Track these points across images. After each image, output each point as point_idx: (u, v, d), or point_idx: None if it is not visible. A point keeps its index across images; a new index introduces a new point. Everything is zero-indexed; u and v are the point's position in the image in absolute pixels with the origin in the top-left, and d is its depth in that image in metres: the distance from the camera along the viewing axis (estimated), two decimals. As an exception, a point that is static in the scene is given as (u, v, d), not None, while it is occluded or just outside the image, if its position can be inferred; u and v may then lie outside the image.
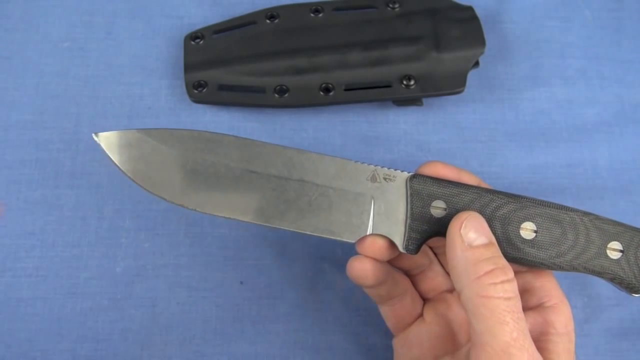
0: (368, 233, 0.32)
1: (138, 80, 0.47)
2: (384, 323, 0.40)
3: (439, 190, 0.32)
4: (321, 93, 0.45)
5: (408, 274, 0.37)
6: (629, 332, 0.42)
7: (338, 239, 0.32)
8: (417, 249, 0.32)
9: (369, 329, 0.41)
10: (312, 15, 0.48)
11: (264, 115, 0.47)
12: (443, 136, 0.47)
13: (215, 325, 0.40)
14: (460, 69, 0.46)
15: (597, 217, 0.32)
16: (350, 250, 0.34)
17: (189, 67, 0.46)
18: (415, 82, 0.45)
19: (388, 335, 0.40)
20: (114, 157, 0.32)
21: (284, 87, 0.45)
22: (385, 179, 0.32)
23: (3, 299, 0.40)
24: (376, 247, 0.32)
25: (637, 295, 0.33)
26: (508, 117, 0.48)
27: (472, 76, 0.47)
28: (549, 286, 0.33)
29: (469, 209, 0.31)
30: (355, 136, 0.46)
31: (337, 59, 0.46)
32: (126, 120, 0.46)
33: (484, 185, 0.34)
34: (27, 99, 0.46)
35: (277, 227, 0.32)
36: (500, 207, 0.32)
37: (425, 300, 0.37)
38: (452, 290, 0.36)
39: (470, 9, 0.48)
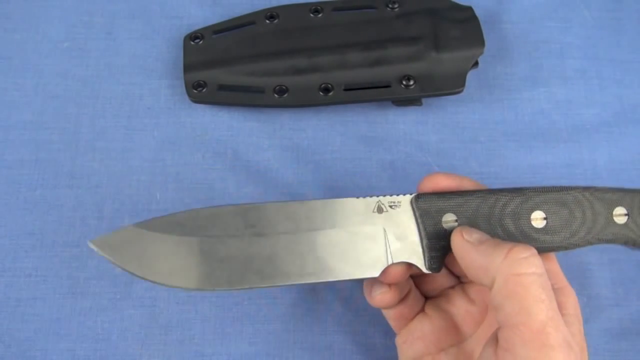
0: (389, 263, 0.32)
1: (138, 80, 0.47)
2: (384, 323, 0.40)
3: (445, 204, 0.32)
4: (321, 93, 0.45)
5: (410, 275, 0.37)
6: (628, 332, 0.42)
7: (361, 278, 0.32)
8: (440, 266, 0.32)
9: (369, 329, 0.41)
10: (311, 15, 0.48)
11: (264, 115, 0.47)
12: (442, 136, 0.47)
13: (215, 325, 0.40)
14: (460, 69, 0.46)
15: (596, 189, 0.33)
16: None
17: (188, 67, 0.46)
18: (415, 82, 0.45)
19: (388, 335, 0.40)
20: (116, 259, 0.31)
21: (284, 87, 0.45)
22: (390, 206, 0.32)
23: (2, 298, 0.40)
24: (399, 274, 0.32)
25: None
26: (507, 117, 0.48)
27: (471, 76, 0.47)
28: (555, 270, 0.33)
29: (477, 215, 0.32)
30: (355, 136, 0.46)
31: (337, 59, 0.46)
32: (125, 120, 0.46)
33: (482, 187, 0.34)
34: (27, 99, 0.46)
35: (300, 283, 0.31)
36: (506, 204, 0.32)
37: (426, 297, 0.37)
38: (453, 286, 0.37)
39: (469, 9, 0.48)
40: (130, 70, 0.48)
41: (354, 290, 0.42)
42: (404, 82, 0.45)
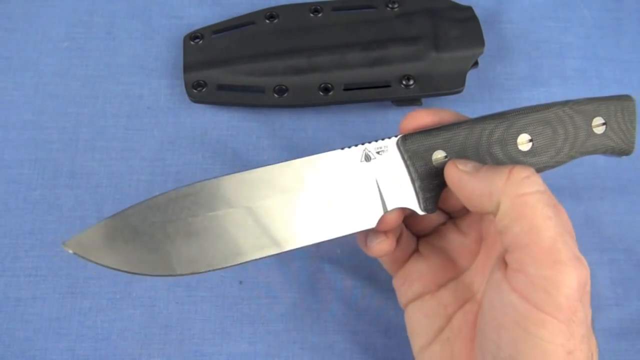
0: (384, 212, 0.31)
1: (137, 80, 0.47)
2: (383, 323, 0.40)
3: (433, 141, 0.31)
4: (320, 93, 0.45)
5: None
6: (628, 332, 0.42)
7: (359, 230, 0.31)
8: (436, 206, 0.32)
9: (369, 328, 0.41)
10: (311, 15, 0.48)
11: (264, 115, 0.47)
12: (442, 136, 0.47)
13: (214, 325, 0.40)
14: (460, 69, 0.46)
15: (574, 102, 0.33)
16: (350, 249, 0.34)
17: (188, 67, 0.46)
18: (415, 82, 0.45)
19: (388, 335, 0.40)
20: (101, 259, 0.28)
21: (283, 86, 0.45)
22: (378, 152, 0.31)
23: (2, 298, 0.40)
24: (394, 221, 0.32)
25: (629, 154, 0.34)
26: (507, 117, 0.48)
27: (471, 76, 0.47)
28: None
29: (466, 147, 0.32)
30: (355, 136, 0.46)
31: (337, 58, 0.46)
32: (125, 120, 0.46)
33: (463, 118, 0.34)
34: (27, 99, 0.46)
35: (296, 247, 0.30)
36: (493, 131, 0.32)
37: (418, 237, 0.37)
38: (444, 222, 0.36)
39: (469, 9, 0.48)
40: (130, 70, 0.48)
41: (354, 290, 0.42)
42: (404, 82, 0.45)
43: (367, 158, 0.31)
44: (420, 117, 0.33)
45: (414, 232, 0.37)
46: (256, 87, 0.46)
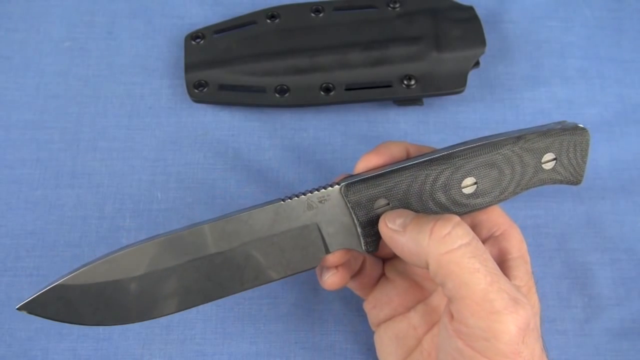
0: (326, 254, 0.32)
1: (139, 79, 0.47)
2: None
3: (375, 191, 0.31)
4: (322, 93, 0.45)
5: None
6: (629, 332, 0.42)
7: (301, 271, 0.32)
8: (378, 247, 0.32)
9: (369, 328, 0.41)
10: (312, 15, 0.48)
11: (265, 115, 0.47)
12: (444, 136, 0.47)
13: (216, 325, 0.40)
14: (461, 69, 0.46)
15: (526, 139, 0.32)
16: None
17: (189, 67, 0.46)
18: (416, 82, 0.45)
19: (388, 335, 0.40)
20: (54, 316, 0.30)
21: (285, 86, 0.45)
22: (320, 201, 0.32)
23: (4, 298, 0.40)
24: (338, 260, 0.33)
25: (577, 185, 0.34)
26: (508, 117, 0.48)
27: (472, 76, 0.47)
28: (494, 216, 0.33)
29: (409, 194, 0.31)
30: (356, 136, 0.46)
31: (338, 58, 0.46)
32: (127, 120, 0.46)
33: (411, 149, 0.34)
34: (28, 99, 0.46)
35: (240, 292, 0.31)
36: (437, 178, 0.31)
37: (383, 260, 0.38)
38: None
39: (470, 8, 0.48)
40: (131, 70, 0.48)
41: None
42: (405, 82, 0.45)
43: (310, 207, 0.32)
44: (369, 162, 0.33)
45: (379, 256, 0.37)
46: (257, 87, 0.46)
